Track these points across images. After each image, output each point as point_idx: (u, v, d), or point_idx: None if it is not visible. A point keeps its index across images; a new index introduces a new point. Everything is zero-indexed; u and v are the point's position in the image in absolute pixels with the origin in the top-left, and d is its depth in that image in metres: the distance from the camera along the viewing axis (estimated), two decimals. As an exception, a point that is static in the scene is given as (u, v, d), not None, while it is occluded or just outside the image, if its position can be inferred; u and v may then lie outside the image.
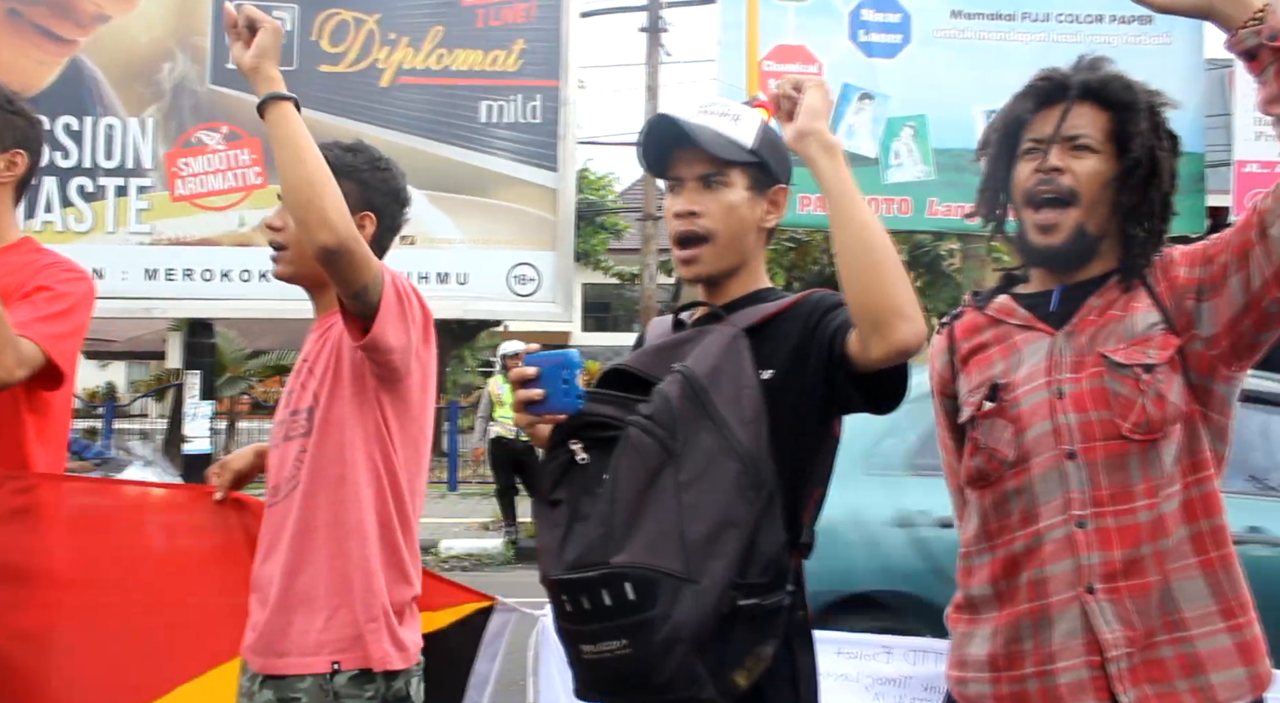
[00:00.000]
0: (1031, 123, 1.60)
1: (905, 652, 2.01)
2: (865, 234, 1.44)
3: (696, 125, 1.62)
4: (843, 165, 1.49)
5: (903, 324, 1.38)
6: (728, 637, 1.41)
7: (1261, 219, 1.42)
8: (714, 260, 1.62)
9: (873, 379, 1.45)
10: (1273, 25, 1.34)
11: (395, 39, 8.33)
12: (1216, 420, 1.54)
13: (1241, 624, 1.50)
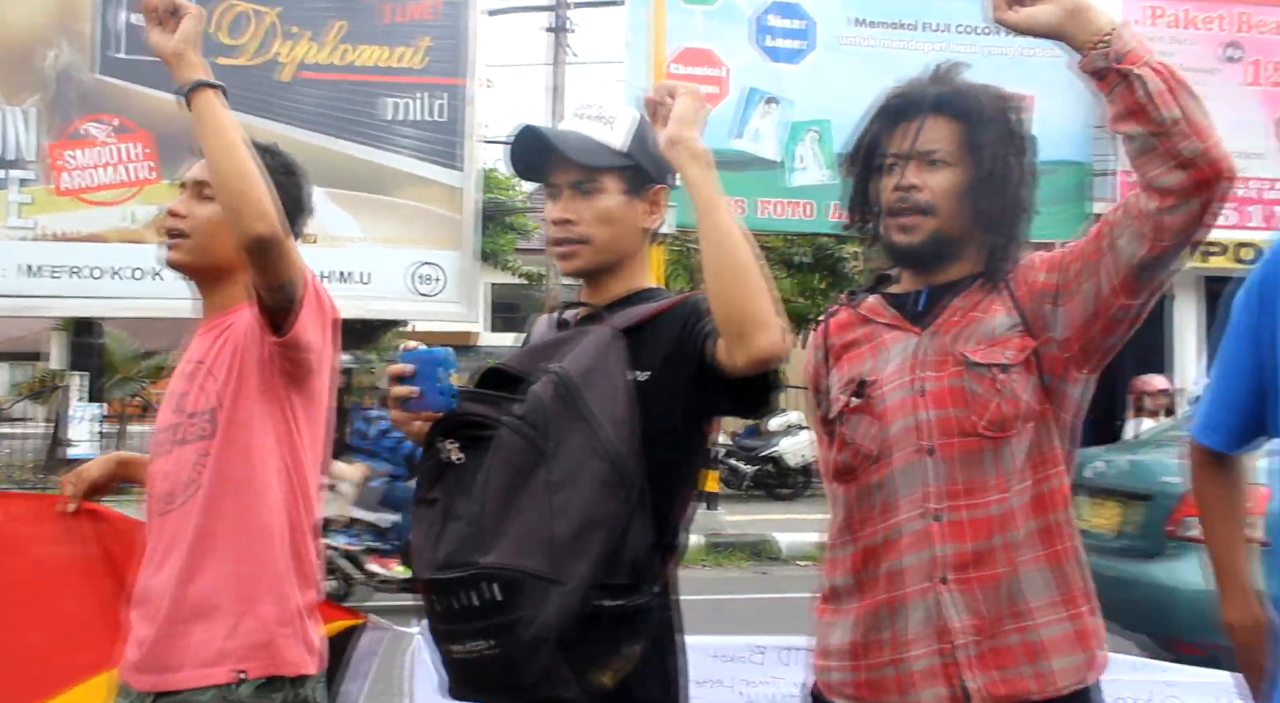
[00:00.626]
0: (889, 138, 1.64)
1: (778, 652, 2.03)
2: (730, 244, 1.46)
3: (564, 133, 1.63)
4: (711, 174, 1.50)
5: (764, 334, 1.41)
6: (591, 637, 1.42)
7: (1110, 230, 1.47)
8: (591, 257, 1.63)
9: (741, 384, 1.47)
10: (1118, 48, 1.39)
11: (296, 33, 8.13)
12: (1065, 420, 1.60)
13: (1082, 613, 1.56)
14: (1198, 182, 1.35)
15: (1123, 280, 1.45)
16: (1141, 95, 1.36)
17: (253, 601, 1.87)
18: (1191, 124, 1.35)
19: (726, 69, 9.84)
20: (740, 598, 6.98)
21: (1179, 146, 1.35)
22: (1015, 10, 1.43)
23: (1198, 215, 1.38)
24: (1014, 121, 1.61)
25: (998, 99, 1.61)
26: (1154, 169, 1.37)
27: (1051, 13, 1.40)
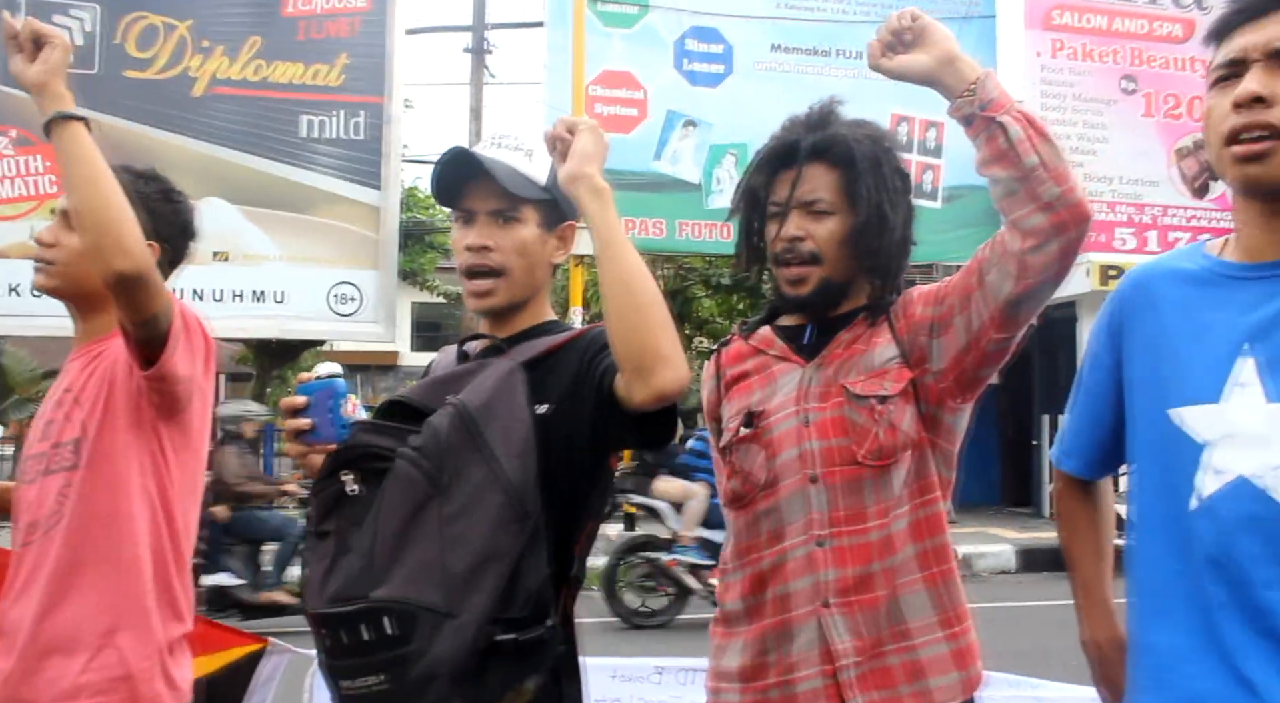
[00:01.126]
0: (773, 186, 1.69)
1: (676, 672, 2.06)
2: (629, 279, 1.45)
3: (493, 160, 1.62)
4: (611, 211, 1.50)
5: (664, 370, 1.40)
6: (487, 672, 1.40)
7: (981, 267, 1.51)
8: (506, 294, 1.63)
9: (642, 418, 1.47)
10: (984, 97, 1.43)
11: (209, 47, 7.97)
12: (944, 447, 1.64)
13: (958, 633, 1.60)
14: (1057, 224, 1.41)
15: (993, 315, 1.50)
16: (1004, 142, 1.42)
17: (113, 633, 1.82)
18: (1050, 169, 1.41)
19: (646, 92, 9.94)
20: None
21: (1040, 190, 1.41)
22: (890, 57, 1.50)
23: (1058, 255, 1.44)
24: (890, 161, 1.67)
25: (873, 141, 1.66)
26: (1018, 211, 1.43)
27: (924, 62, 1.47)
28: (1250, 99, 1.21)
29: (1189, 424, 1.28)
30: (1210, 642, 1.23)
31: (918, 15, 1.49)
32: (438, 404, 1.50)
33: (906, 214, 1.67)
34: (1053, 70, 10.57)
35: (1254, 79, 1.21)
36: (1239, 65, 1.24)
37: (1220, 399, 1.26)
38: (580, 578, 1.60)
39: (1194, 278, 1.35)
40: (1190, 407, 1.28)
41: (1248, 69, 1.23)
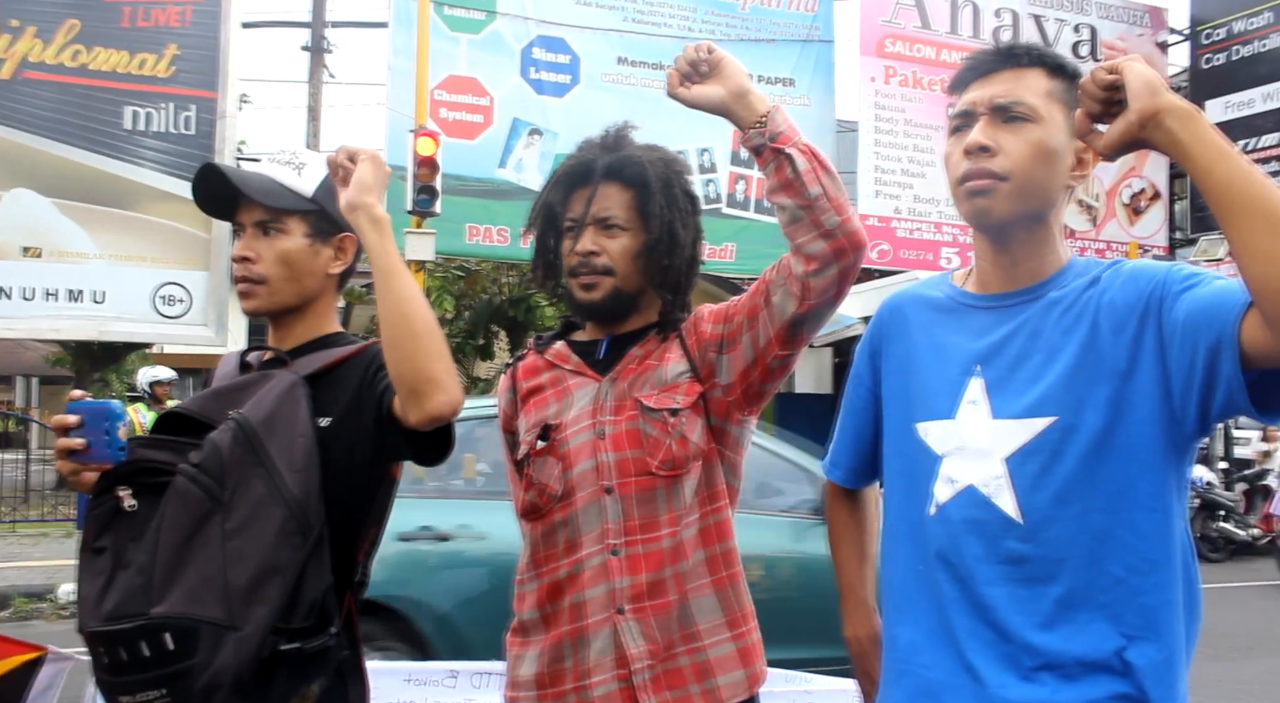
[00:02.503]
0: (569, 203, 1.76)
1: (470, 676, 2.06)
2: (406, 307, 1.49)
3: (247, 174, 1.66)
4: (389, 240, 1.54)
5: (437, 394, 1.45)
6: (270, 681, 1.42)
7: (767, 288, 1.60)
8: (267, 298, 1.65)
9: (420, 435, 1.51)
10: (772, 129, 1.52)
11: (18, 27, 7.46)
12: (731, 457, 1.72)
13: (744, 633, 1.69)
14: (837, 250, 1.52)
15: (777, 333, 1.60)
16: (790, 173, 1.52)
17: None
18: (832, 200, 1.52)
19: (492, 99, 9.87)
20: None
21: (822, 219, 1.51)
22: (687, 87, 1.57)
23: (837, 279, 1.55)
24: (680, 184, 1.75)
25: (664, 163, 1.75)
26: (802, 237, 1.53)
27: (718, 93, 1.56)
28: (976, 148, 1.37)
29: (929, 438, 1.42)
30: (943, 635, 1.37)
31: (713, 48, 1.57)
32: (218, 417, 1.51)
33: (695, 234, 1.76)
34: (885, 95, 11.07)
35: (979, 130, 1.38)
36: (969, 116, 1.41)
37: (954, 415, 1.40)
38: (364, 583, 1.63)
39: (938, 305, 1.50)
40: (930, 422, 1.43)
41: (976, 120, 1.39)
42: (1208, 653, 6.20)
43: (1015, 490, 1.33)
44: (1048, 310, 1.38)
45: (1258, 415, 1.24)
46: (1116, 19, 12.79)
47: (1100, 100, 1.24)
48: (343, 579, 1.55)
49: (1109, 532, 1.30)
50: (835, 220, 1.52)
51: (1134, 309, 1.31)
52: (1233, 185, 1.17)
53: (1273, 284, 1.13)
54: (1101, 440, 1.31)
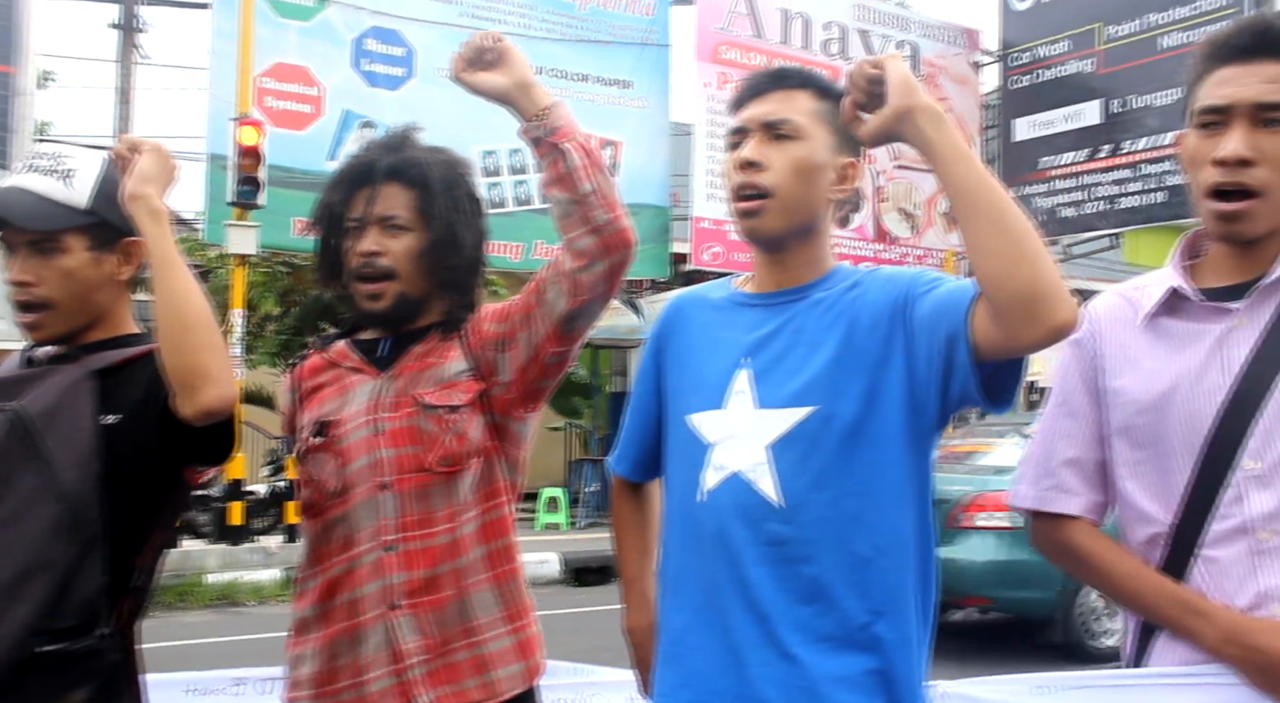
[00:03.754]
0: (350, 203, 1.76)
1: (256, 683, 2.00)
2: (181, 302, 1.49)
3: (10, 196, 1.56)
4: (166, 233, 1.53)
5: (208, 388, 1.45)
6: (26, 682, 1.38)
7: (541, 286, 1.63)
8: (59, 325, 1.60)
9: (199, 432, 1.49)
10: (552, 123, 1.56)
11: None
12: (512, 454, 1.74)
13: (521, 626, 1.71)
14: (606, 246, 1.56)
15: (551, 330, 1.63)
16: (565, 167, 1.56)
17: None
18: (603, 197, 1.56)
19: (322, 88, 9.56)
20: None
21: (592, 215, 1.55)
22: (471, 73, 1.59)
23: (605, 275, 1.58)
24: (464, 186, 1.77)
25: (448, 165, 1.76)
26: (573, 232, 1.57)
27: (502, 82, 1.59)
28: (745, 163, 1.46)
29: (700, 428, 1.49)
30: (713, 618, 1.43)
31: (500, 38, 1.60)
32: None
33: (478, 236, 1.78)
34: (719, 101, 11.30)
35: (749, 147, 1.47)
36: (743, 133, 1.50)
37: (723, 406, 1.48)
38: (144, 589, 1.59)
39: (716, 305, 1.58)
40: (703, 413, 1.49)
41: (748, 137, 1.48)
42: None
43: (776, 476, 1.41)
44: (812, 308, 1.47)
45: (989, 405, 1.35)
46: (936, 38, 13.47)
47: (865, 92, 1.35)
48: (119, 582, 1.51)
49: (860, 515, 1.39)
50: (605, 217, 1.56)
51: (886, 309, 1.41)
52: (968, 184, 1.29)
53: (995, 277, 1.25)
54: (855, 429, 1.40)
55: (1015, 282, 1.23)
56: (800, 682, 1.37)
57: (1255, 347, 1.37)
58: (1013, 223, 1.25)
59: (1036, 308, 1.23)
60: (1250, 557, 1.34)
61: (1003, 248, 1.25)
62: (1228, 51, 1.41)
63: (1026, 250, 1.24)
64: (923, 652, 1.43)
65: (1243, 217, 1.37)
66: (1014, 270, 1.23)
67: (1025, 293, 1.23)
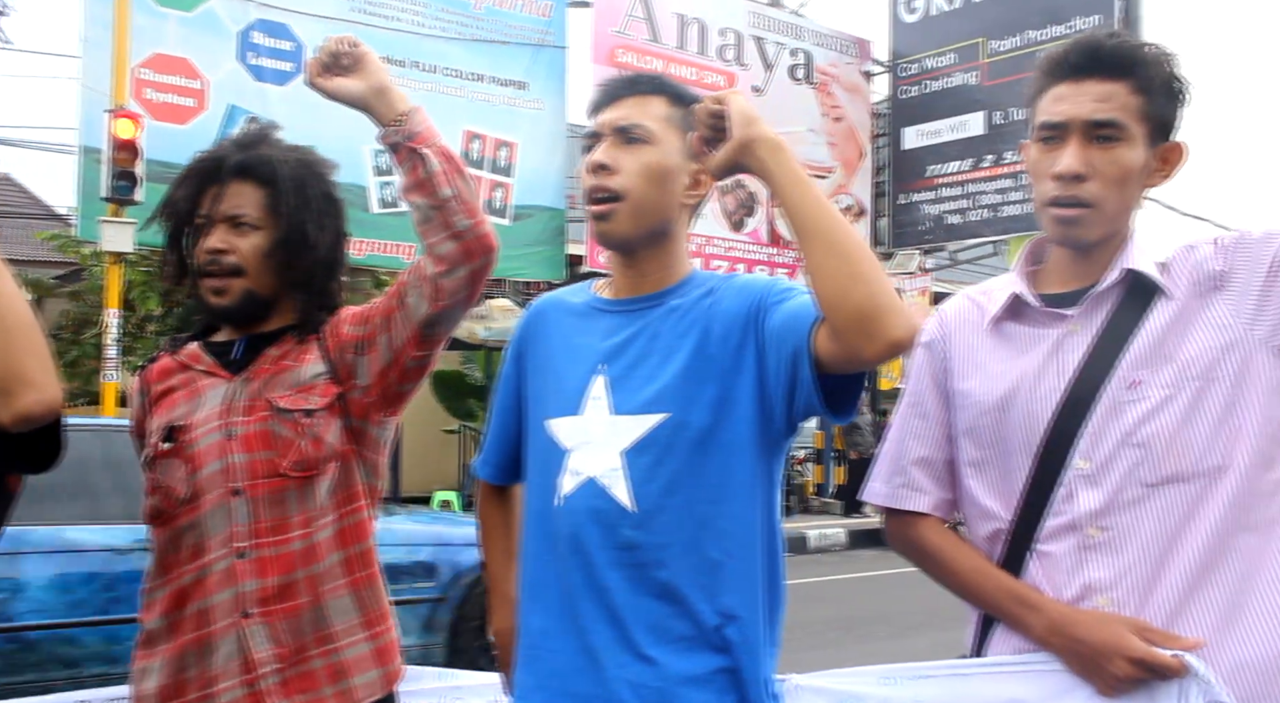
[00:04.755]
0: (199, 200, 1.73)
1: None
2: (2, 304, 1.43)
3: None
4: None
5: (27, 393, 1.39)
6: None
7: (402, 290, 1.63)
8: None
9: (22, 439, 1.43)
10: (410, 129, 1.56)
11: None
12: (370, 458, 1.72)
13: (380, 633, 1.69)
14: (467, 252, 1.57)
15: (412, 334, 1.63)
16: (424, 173, 1.56)
17: None
18: (463, 203, 1.57)
19: (205, 82, 9.23)
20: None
21: (453, 220, 1.56)
22: (327, 78, 1.58)
23: (467, 281, 1.59)
24: (318, 185, 1.74)
25: (302, 164, 1.73)
26: (433, 237, 1.57)
27: (358, 87, 1.58)
28: (597, 166, 1.49)
29: (559, 433, 1.50)
30: (570, 620, 1.45)
31: (356, 43, 1.59)
32: None
33: (333, 236, 1.75)
34: (615, 104, 11.31)
35: (601, 150, 1.50)
36: (597, 137, 1.52)
37: (580, 411, 1.49)
38: None
39: (576, 310, 1.60)
40: (561, 418, 1.51)
41: (600, 141, 1.51)
42: (886, 632, 6.78)
43: (629, 481, 1.43)
44: (668, 315, 1.49)
45: (831, 416, 1.39)
46: (828, 47, 13.74)
47: (709, 126, 1.39)
48: None
49: (710, 520, 1.42)
50: (467, 223, 1.56)
51: (739, 318, 1.44)
52: (805, 210, 1.33)
53: (831, 297, 1.29)
54: (707, 436, 1.42)
55: (851, 301, 1.27)
56: (655, 682, 1.39)
57: (1087, 351, 1.43)
58: (847, 245, 1.29)
59: (872, 325, 1.26)
60: (1079, 552, 1.40)
61: (838, 269, 1.28)
62: (1062, 70, 1.46)
63: (861, 271, 1.28)
64: (773, 651, 1.46)
65: (1079, 222, 1.44)
66: (849, 290, 1.27)
67: (861, 311, 1.27)
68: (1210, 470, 1.36)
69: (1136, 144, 1.42)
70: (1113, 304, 1.45)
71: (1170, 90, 1.44)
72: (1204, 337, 1.39)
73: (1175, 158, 1.48)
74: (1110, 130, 1.41)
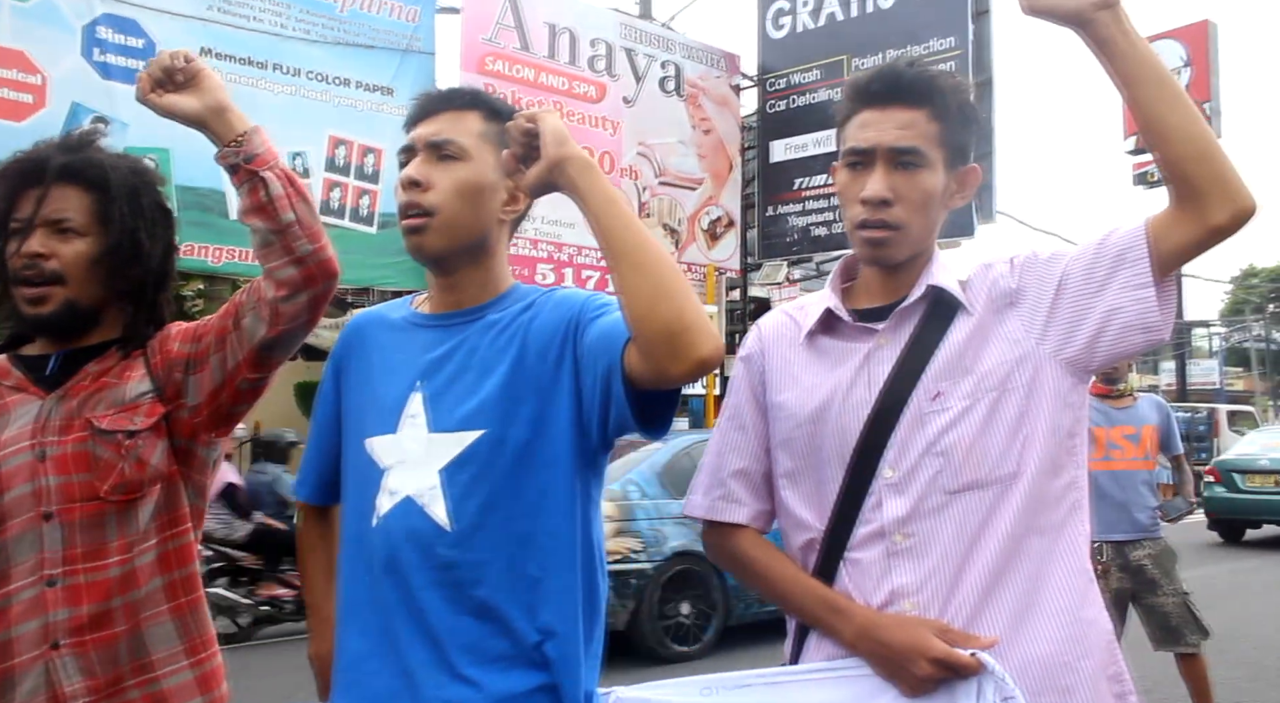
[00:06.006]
0: (17, 203, 1.63)
1: None
2: None
3: None
4: None
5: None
6: None
7: (238, 310, 1.59)
8: None
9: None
10: (249, 150, 1.52)
11: None
12: (196, 479, 1.67)
13: (204, 659, 1.64)
14: (308, 277, 1.53)
15: (247, 356, 1.59)
16: (264, 196, 1.52)
17: None
18: (305, 227, 1.53)
19: (46, 77, 8.71)
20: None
21: (294, 245, 1.53)
22: (160, 94, 1.53)
23: (308, 306, 1.56)
24: (150, 195, 1.69)
25: (134, 172, 1.67)
26: (274, 262, 1.53)
27: (193, 106, 1.53)
28: (409, 183, 1.49)
29: (375, 452, 1.49)
30: (388, 642, 1.43)
31: (191, 58, 1.54)
32: None
33: (166, 248, 1.70)
34: (486, 112, 11.17)
35: (412, 166, 1.50)
36: (411, 152, 1.52)
37: (397, 429, 1.48)
38: None
39: (394, 325, 1.58)
40: (378, 437, 1.49)
41: (415, 156, 1.51)
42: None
43: (447, 500, 1.41)
44: (485, 331, 1.49)
45: (645, 433, 1.40)
46: (698, 60, 13.91)
47: (522, 144, 1.39)
48: None
49: (529, 536, 1.42)
50: (308, 248, 1.53)
51: (557, 334, 1.44)
52: (615, 230, 1.33)
53: (638, 315, 1.29)
54: (525, 452, 1.42)
55: (657, 319, 1.28)
56: (474, 702, 1.38)
57: (895, 364, 1.48)
58: (655, 264, 1.31)
59: (678, 344, 1.27)
60: (886, 558, 1.44)
61: (645, 287, 1.29)
62: (867, 97, 1.51)
63: (667, 289, 1.29)
64: (594, 665, 1.47)
65: (886, 244, 1.48)
66: (655, 308, 1.28)
67: (667, 330, 1.28)
68: (1005, 477, 1.42)
69: (937, 169, 1.48)
70: (918, 319, 1.50)
71: (964, 117, 1.51)
72: (999, 350, 1.46)
73: (972, 180, 1.54)
74: (912, 157, 1.46)
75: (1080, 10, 1.34)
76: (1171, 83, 1.36)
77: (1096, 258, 1.42)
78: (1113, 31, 1.34)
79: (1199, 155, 1.33)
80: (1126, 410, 4.70)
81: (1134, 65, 1.35)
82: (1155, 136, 1.35)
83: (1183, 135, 1.33)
